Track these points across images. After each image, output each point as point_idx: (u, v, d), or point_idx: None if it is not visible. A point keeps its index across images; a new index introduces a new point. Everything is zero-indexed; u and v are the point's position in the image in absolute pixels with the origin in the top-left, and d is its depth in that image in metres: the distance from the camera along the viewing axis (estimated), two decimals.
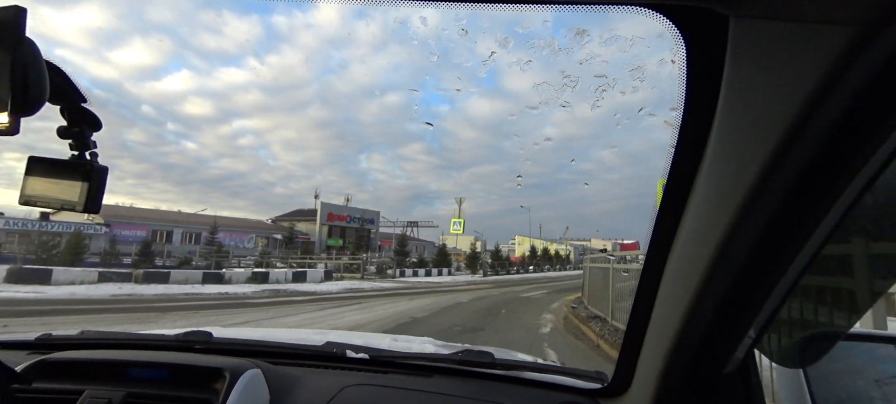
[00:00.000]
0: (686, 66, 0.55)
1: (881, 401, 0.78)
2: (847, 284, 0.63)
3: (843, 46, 0.39)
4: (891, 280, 0.63)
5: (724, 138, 0.53)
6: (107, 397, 0.94)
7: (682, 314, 0.67)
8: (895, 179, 0.48)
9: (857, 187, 0.47)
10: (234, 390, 0.96)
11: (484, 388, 1.13)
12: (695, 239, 0.62)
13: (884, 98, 0.41)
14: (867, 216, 0.53)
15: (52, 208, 0.82)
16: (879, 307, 2.73)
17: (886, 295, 2.49)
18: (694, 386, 0.75)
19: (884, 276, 0.63)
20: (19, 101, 0.53)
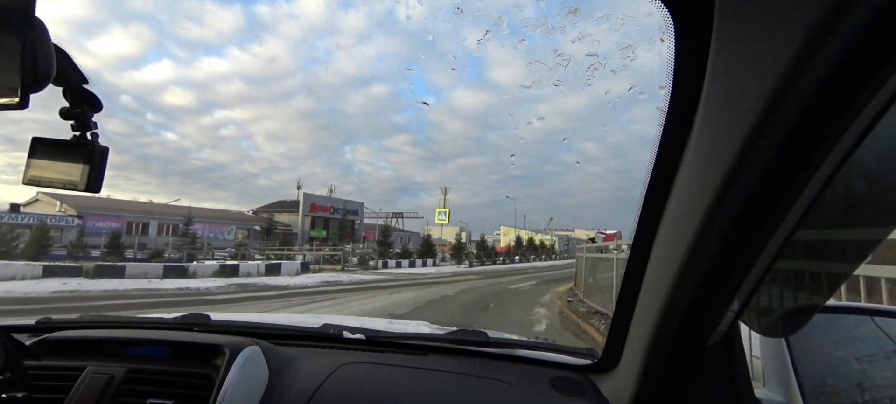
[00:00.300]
0: (675, 44, 0.56)
1: (858, 368, 0.82)
2: (825, 258, 0.65)
3: (821, 17, 0.40)
4: (867, 251, 0.64)
5: (709, 115, 0.55)
6: (109, 373, 0.95)
7: (668, 290, 0.70)
8: (870, 158, 0.49)
9: (833, 163, 0.48)
10: (234, 365, 0.97)
11: (478, 365, 1.16)
12: (680, 216, 0.64)
13: (860, 70, 0.42)
14: (842, 194, 0.54)
15: (54, 188, 0.83)
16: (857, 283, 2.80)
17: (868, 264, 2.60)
18: (680, 359, 0.78)
19: (860, 250, 0.65)
20: (29, 78, 0.57)
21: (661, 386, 0.83)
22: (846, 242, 0.63)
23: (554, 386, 1.07)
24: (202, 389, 0.95)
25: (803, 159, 0.49)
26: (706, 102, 0.55)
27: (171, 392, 0.94)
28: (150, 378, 0.97)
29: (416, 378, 1.09)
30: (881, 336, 0.85)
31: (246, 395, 0.96)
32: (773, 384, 0.81)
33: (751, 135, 0.49)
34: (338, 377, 1.06)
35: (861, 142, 0.46)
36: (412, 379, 1.09)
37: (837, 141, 0.46)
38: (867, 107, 0.43)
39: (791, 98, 0.44)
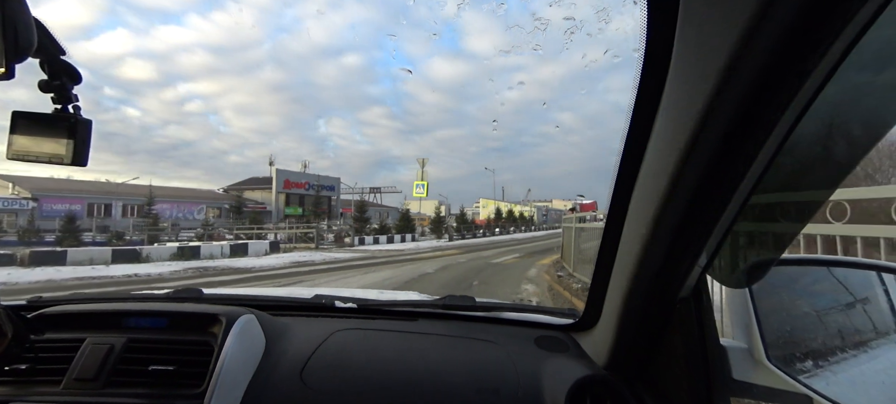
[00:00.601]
0: (646, 5, 0.57)
1: (814, 316, 0.90)
2: (779, 217, 0.69)
3: None
4: (818, 204, 0.68)
5: (677, 78, 0.57)
6: (109, 343, 0.97)
7: (641, 250, 0.74)
8: (815, 127, 0.52)
9: (784, 127, 0.51)
10: (232, 332, 1.00)
11: (466, 328, 1.21)
12: (652, 175, 0.67)
13: (803, 41, 0.44)
14: (792, 160, 0.57)
15: (40, 162, 0.83)
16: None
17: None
18: (653, 312, 0.83)
19: (807, 210, 0.68)
20: (12, 48, 0.58)
21: (636, 339, 0.89)
22: (797, 203, 0.67)
23: (538, 344, 1.12)
24: (201, 356, 0.97)
25: (758, 122, 0.52)
26: (675, 66, 0.57)
27: (172, 359, 0.96)
28: (150, 346, 0.99)
29: (407, 341, 1.13)
30: (837, 286, 0.91)
31: (244, 360, 0.99)
32: (737, 333, 0.85)
33: (712, 97, 0.51)
34: (332, 342, 1.10)
35: (807, 109, 0.49)
36: (403, 342, 1.13)
37: (786, 108, 0.49)
38: (812, 75, 0.46)
39: (747, 60, 0.47)
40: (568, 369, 0.98)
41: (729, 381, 0.82)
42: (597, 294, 0.98)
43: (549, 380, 0.98)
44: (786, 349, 0.81)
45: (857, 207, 2.64)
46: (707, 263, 0.75)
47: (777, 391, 0.78)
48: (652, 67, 0.60)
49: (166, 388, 0.92)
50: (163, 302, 1.27)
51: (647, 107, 0.63)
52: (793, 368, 0.79)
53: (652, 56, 0.59)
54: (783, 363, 0.79)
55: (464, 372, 1.02)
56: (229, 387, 0.92)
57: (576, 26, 1.06)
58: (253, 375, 0.98)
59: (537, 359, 1.06)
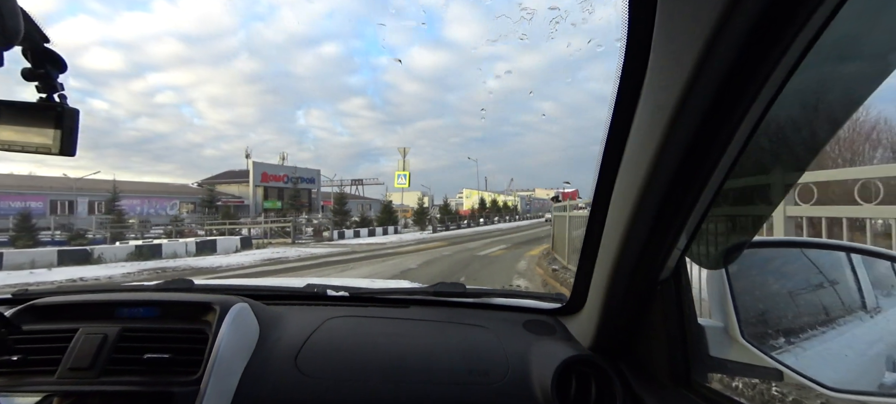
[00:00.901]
0: None
1: (782, 289, 0.96)
2: (752, 200, 0.73)
3: None
4: (787, 187, 0.75)
5: (656, 67, 0.59)
6: (102, 333, 0.97)
7: (624, 235, 0.78)
8: (782, 115, 0.56)
9: (760, 107, 0.54)
10: (226, 320, 1.02)
11: (457, 314, 1.26)
12: (634, 162, 0.70)
13: (780, 20, 0.47)
14: (769, 139, 0.60)
15: (27, 152, 0.81)
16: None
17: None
18: (635, 294, 0.88)
19: (780, 190, 0.72)
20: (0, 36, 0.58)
21: (619, 320, 0.94)
22: (767, 188, 0.71)
23: (527, 327, 1.17)
24: (196, 343, 0.98)
25: (731, 110, 0.55)
26: (654, 55, 0.59)
27: (166, 347, 0.97)
28: (144, 335, 1.00)
29: (399, 327, 1.18)
30: (808, 266, 0.96)
31: (239, 348, 1.01)
32: (714, 313, 0.90)
33: (687, 86, 0.54)
34: (325, 329, 1.13)
35: (775, 99, 0.53)
36: (395, 328, 1.17)
37: (756, 97, 0.53)
38: (779, 65, 0.49)
39: (719, 50, 0.50)
40: (555, 351, 1.02)
41: (706, 358, 0.88)
42: (582, 279, 1.02)
43: (537, 362, 1.03)
44: (759, 326, 0.87)
45: (824, 189, 2.74)
46: (686, 246, 0.80)
47: (751, 366, 0.84)
48: (633, 57, 0.62)
49: (162, 376, 0.93)
50: (154, 292, 1.27)
51: (628, 96, 0.66)
52: (765, 344, 0.84)
53: (633, 45, 0.61)
54: (757, 340, 0.84)
55: (455, 355, 1.06)
56: (225, 374, 0.94)
57: (560, 16, 1.08)
58: (248, 362, 1.00)
59: (526, 342, 1.10)
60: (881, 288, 0.90)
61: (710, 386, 0.89)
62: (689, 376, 0.88)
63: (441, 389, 0.98)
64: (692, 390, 0.87)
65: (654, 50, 0.58)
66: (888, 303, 0.89)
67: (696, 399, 0.84)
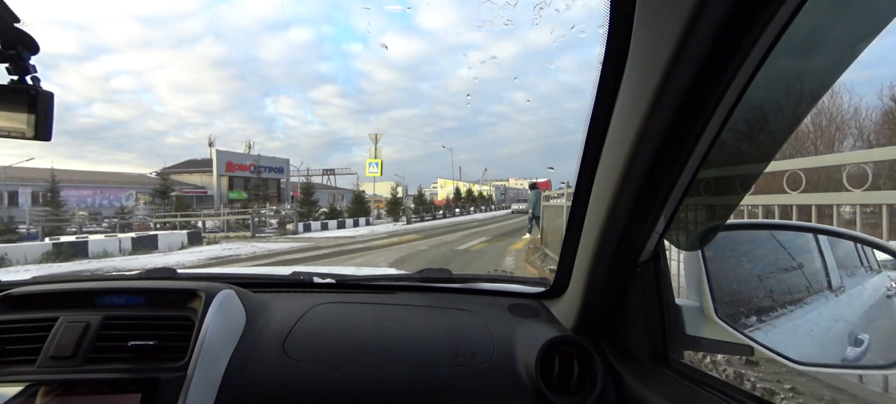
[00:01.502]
0: None
1: (754, 270, 1.02)
2: (727, 184, 0.78)
3: None
4: (759, 170, 0.76)
5: (637, 51, 0.62)
6: (84, 321, 0.97)
7: (606, 219, 0.83)
8: (764, 91, 0.59)
9: (733, 96, 0.58)
10: (212, 306, 1.02)
11: (443, 299, 1.30)
12: (615, 148, 0.74)
13: (750, 12, 0.50)
14: (742, 126, 0.64)
15: (0, 137, 0.80)
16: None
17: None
18: (616, 276, 0.94)
19: (753, 174, 0.78)
20: None
21: (601, 302, 1.00)
22: (741, 173, 0.76)
23: (512, 311, 1.23)
24: (182, 330, 0.99)
25: (706, 97, 0.59)
26: (634, 43, 0.62)
27: (151, 334, 0.97)
28: (128, 323, 1.00)
29: (386, 312, 1.21)
30: (778, 247, 1.03)
31: (226, 334, 1.02)
32: (691, 293, 0.96)
33: (665, 73, 0.57)
34: (312, 315, 1.15)
35: (747, 87, 0.57)
36: (382, 313, 1.20)
37: (729, 85, 0.57)
38: (750, 56, 0.53)
39: (695, 37, 0.53)
40: (539, 332, 1.07)
41: (683, 336, 0.94)
42: (565, 263, 1.08)
43: (521, 344, 1.08)
44: (732, 306, 0.93)
45: (811, 175, 2.86)
46: (664, 229, 0.86)
47: (724, 343, 0.90)
48: (615, 42, 0.65)
49: (148, 363, 0.93)
50: (136, 280, 1.27)
51: (610, 84, 0.70)
52: (738, 323, 0.90)
53: (615, 30, 0.65)
54: (730, 318, 0.90)
55: (442, 338, 1.10)
56: (212, 360, 0.95)
57: (545, 1, 1.13)
58: (235, 347, 1.02)
59: (511, 325, 1.16)
60: (845, 268, 0.98)
61: (686, 363, 0.95)
62: (666, 354, 0.94)
63: (428, 371, 1.02)
64: (669, 367, 0.93)
65: (636, 34, 0.62)
66: (851, 283, 0.97)
67: (673, 375, 0.90)
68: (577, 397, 0.97)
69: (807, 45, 0.55)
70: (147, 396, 0.88)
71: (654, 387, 0.89)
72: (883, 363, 0.87)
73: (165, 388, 0.89)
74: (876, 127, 13.00)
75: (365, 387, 0.98)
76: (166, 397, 0.88)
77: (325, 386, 0.98)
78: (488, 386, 1.01)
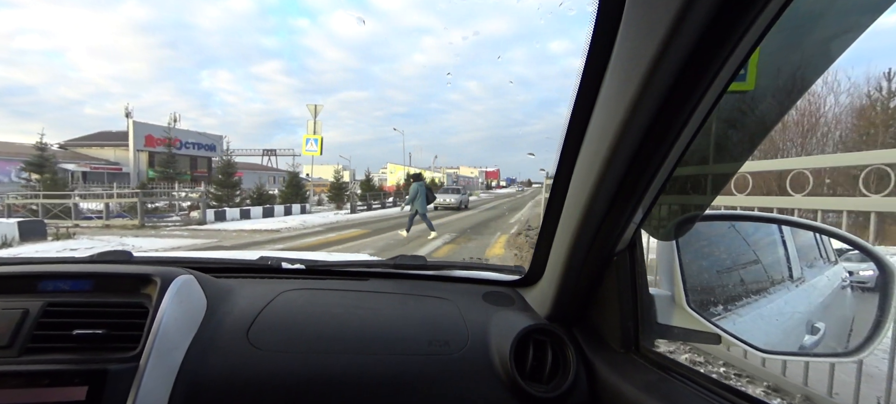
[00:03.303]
0: None
1: (723, 260, 1.11)
2: (705, 176, 0.86)
3: None
4: (738, 163, 0.84)
5: (626, 34, 0.65)
6: (22, 308, 0.93)
7: (583, 209, 0.89)
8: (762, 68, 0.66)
9: (719, 85, 0.63)
10: (168, 292, 1.01)
11: (417, 286, 1.35)
12: (598, 136, 0.79)
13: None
14: (724, 117, 0.72)
15: None
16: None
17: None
18: (592, 266, 1.01)
19: (731, 162, 0.85)
20: None
21: (576, 290, 1.07)
22: (719, 164, 0.82)
23: (486, 299, 1.28)
24: (135, 318, 0.97)
25: (693, 86, 0.63)
26: (625, 23, 0.65)
27: (100, 322, 0.95)
28: (74, 310, 0.97)
29: (358, 299, 1.23)
30: (747, 238, 1.12)
31: (184, 321, 1.01)
32: (664, 282, 1.04)
33: (655, 58, 0.61)
34: (279, 302, 1.16)
35: (734, 77, 0.62)
36: (354, 300, 1.22)
37: (717, 74, 0.61)
38: (740, 46, 0.58)
39: (693, 15, 0.56)
40: (513, 320, 1.14)
41: (654, 325, 1.03)
42: (541, 251, 1.14)
43: (496, 332, 1.13)
44: (702, 295, 1.02)
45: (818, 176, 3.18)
46: (642, 219, 0.92)
47: (693, 331, 0.99)
48: (603, 26, 0.69)
49: (96, 353, 0.91)
50: (85, 264, 1.22)
51: (596, 69, 0.74)
52: (707, 311, 0.99)
53: (601, 22, 0.68)
54: (699, 307, 0.99)
55: (415, 325, 1.14)
56: (167, 349, 0.94)
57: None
58: (194, 336, 1.01)
59: (485, 313, 1.21)
60: (805, 258, 1.10)
61: (657, 350, 1.03)
62: (638, 342, 1.03)
63: (401, 360, 1.05)
64: (640, 355, 1.01)
65: (624, 23, 0.65)
66: (810, 273, 1.09)
67: (644, 363, 0.99)
68: (550, 385, 1.04)
69: (804, 27, 0.60)
70: (94, 389, 0.85)
71: (625, 375, 0.97)
72: (839, 350, 0.98)
73: (114, 380, 0.87)
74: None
75: (334, 378, 0.99)
76: (116, 390, 0.86)
77: (292, 377, 0.98)
78: (462, 375, 1.05)
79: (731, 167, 0.87)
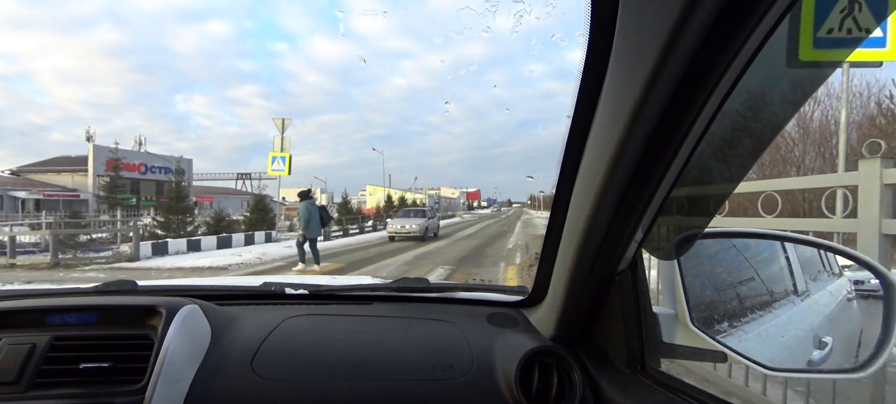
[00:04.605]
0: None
1: (727, 277, 1.15)
2: (705, 193, 0.90)
3: None
4: (735, 182, 0.84)
5: (618, 58, 0.69)
6: (30, 342, 0.98)
7: (584, 229, 0.92)
8: (745, 100, 0.67)
9: (715, 103, 0.65)
10: (173, 323, 1.04)
11: (420, 309, 1.40)
12: (595, 158, 0.82)
13: (736, 19, 0.57)
14: (722, 134, 0.73)
15: None
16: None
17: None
18: (594, 285, 1.03)
19: (729, 180, 0.86)
20: None
21: (579, 310, 1.09)
22: (719, 182, 0.87)
23: (490, 320, 1.32)
24: (140, 350, 1.00)
25: (688, 105, 0.66)
26: (617, 46, 0.68)
27: (106, 356, 0.98)
28: (80, 344, 1.00)
29: (361, 324, 1.27)
30: (750, 255, 1.16)
31: (189, 352, 1.03)
32: (666, 301, 1.08)
33: (649, 81, 0.63)
34: (283, 329, 1.20)
35: (729, 95, 0.65)
36: (357, 324, 1.26)
37: (712, 92, 0.64)
38: (733, 64, 0.60)
39: (679, 45, 0.59)
40: (518, 342, 1.15)
41: (660, 344, 1.05)
42: (544, 272, 1.17)
43: (500, 354, 1.15)
44: (706, 312, 1.05)
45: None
46: (643, 238, 0.95)
47: (699, 350, 1.02)
48: (595, 54, 0.72)
49: (102, 387, 0.95)
50: (91, 295, 1.27)
51: (591, 92, 0.77)
52: (712, 329, 1.02)
53: (595, 42, 0.71)
54: (704, 325, 1.02)
55: (419, 349, 1.16)
56: (173, 381, 0.96)
57: (525, 10, 1.21)
58: (199, 367, 1.03)
59: (489, 335, 1.24)
60: (809, 272, 1.13)
61: (663, 370, 1.05)
62: (643, 361, 1.05)
63: (405, 385, 1.07)
64: (646, 375, 1.03)
65: (617, 42, 0.68)
66: (814, 287, 1.12)
67: (650, 383, 1.00)
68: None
69: (787, 59, 0.64)
70: None
71: (632, 396, 0.99)
72: (847, 366, 1.01)
73: None
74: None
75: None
76: None
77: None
78: (467, 399, 1.07)
79: (728, 186, 0.89)
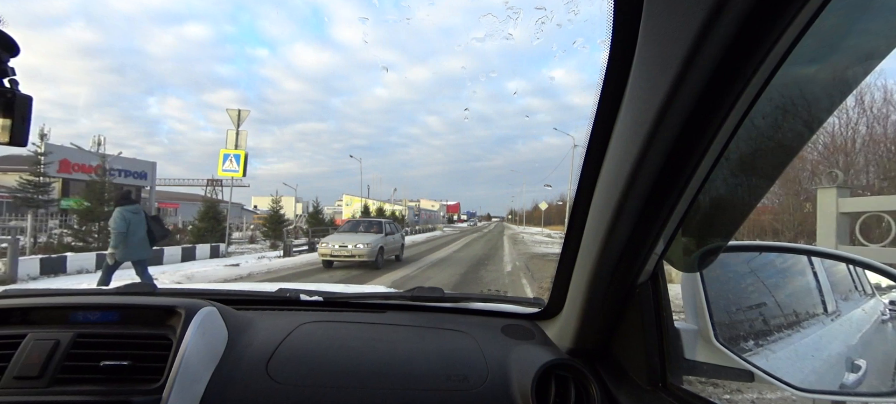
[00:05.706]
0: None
1: (753, 293, 1.13)
2: (728, 205, 0.87)
3: None
4: (761, 193, 0.83)
5: (640, 68, 0.69)
6: (54, 339, 1.02)
7: (604, 239, 0.91)
8: (771, 106, 0.66)
9: (740, 111, 0.64)
10: (192, 324, 1.09)
11: (434, 319, 1.42)
12: (615, 168, 0.82)
13: (763, 23, 0.56)
14: (746, 144, 0.71)
15: None
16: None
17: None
18: (613, 298, 1.02)
19: (755, 191, 0.84)
20: None
21: (597, 324, 1.08)
22: (743, 193, 0.83)
23: (505, 332, 1.31)
24: (159, 349, 1.05)
25: (712, 114, 0.65)
26: (639, 56, 0.68)
27: (126, 354, 1.02)
28: (101, 341, 1.05)
29: (375, 332, 1.30)
30: (777, 270, 1.16)
31: (206, 354, 1.08)
32: (689, 316, 1.07)
33: (672, 88, 0.63)
34: (298, 335, 1.24)
35: (755, 103, 0.63)
36: (371, 333, 1.29)
37: (737, 99, 0.62)
38: (761, 69, 0.59)
39: (704, 51, 0.58)
40: (534, 355, 1.13)
41: (682, 360, 1.02)
42: (561, 283, 1.16)
43: (516, 367, 1.13)
44: (732, 329, 1.03)
45: None
46: (664, 250, 0.94)
47: (724, 368, 1.00)
48: (617, 61, 0.72)
49: (121, 384, 0.98)
50: (113, 295, 1.30)
51: (611, 102, 0.77)
52: (738, 347, 1.00)
53: (617, 47, 0.71)
54: (730, 342, 1.00)
55: (433, 360, 1.16)
56: (190, 381, 1.00)
57: (546, 16, 1.22)
58: (215, 369, 1.07)
59: (505, 347, 1.22)
60: (839, 291, 1.11)
61: (686, 388, 1.02)
62: (665, 378, 1.02)
63: (419, 395, 1.07)
64: (668, 392, 1.00)
65: (639, 52, 0.68)
66: (846, 307, 1.10)
67: (672, 401, 0.98)
68: None
69: (823, 53, 0.61)
70: None
71: None
72: (884, 390, 0.98)
73: None
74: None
75: None
76: None
77: None
78: None
79: (754, 197, 0.87)
